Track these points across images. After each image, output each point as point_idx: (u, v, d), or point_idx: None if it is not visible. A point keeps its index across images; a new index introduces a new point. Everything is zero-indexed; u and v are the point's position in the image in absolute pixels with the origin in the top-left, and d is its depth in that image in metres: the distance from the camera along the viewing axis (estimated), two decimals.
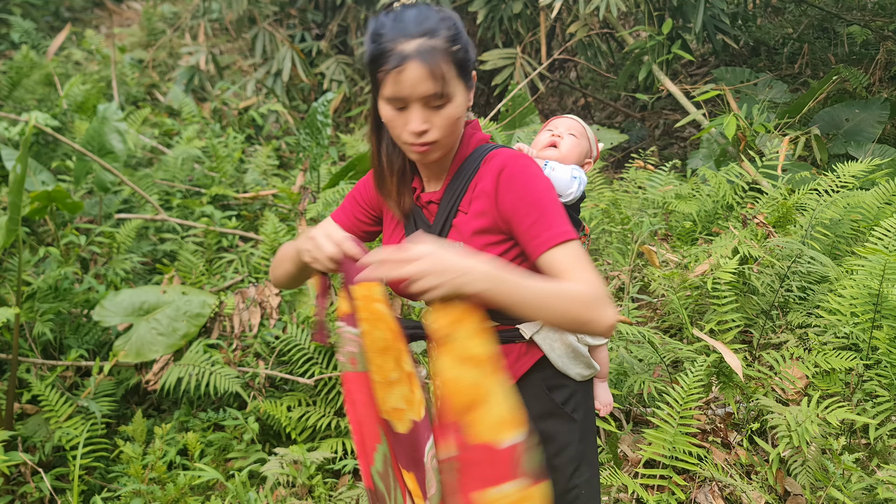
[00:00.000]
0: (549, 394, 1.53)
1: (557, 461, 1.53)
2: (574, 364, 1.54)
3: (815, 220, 3.37)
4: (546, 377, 1.53)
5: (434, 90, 1.35)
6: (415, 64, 1.33)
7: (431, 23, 1.36)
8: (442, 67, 1.34)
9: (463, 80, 1.40)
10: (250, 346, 3.44)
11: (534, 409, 1.50)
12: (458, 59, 1.37)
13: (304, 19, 7.34)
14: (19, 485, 2.99)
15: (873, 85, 5.90)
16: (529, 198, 1.38)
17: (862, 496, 2.32)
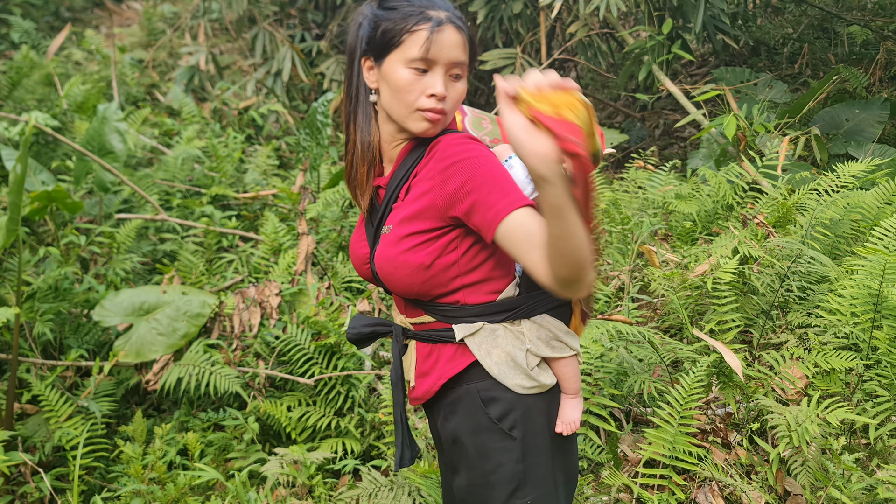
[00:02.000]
0: (484, 407, 1.43)
1: (493, 479, 1.43)
2: (513, 374, 1.41)
3: (815, 220, 3.37)
4: (482, 388, 1.43)
5: (463, 58, 1.39)
6: (451, 28, 1.37)
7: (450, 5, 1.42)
8: (467, 38, 1.40)
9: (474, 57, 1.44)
10: (250, 346, 3.44)
11: (469, 422, 1.44)
12: (471, 38, 1.42)
13: (304, 19, 7.34)
14: (19, 485, 2.99)
15: (873, 85, 5.90)
16: (471, 180, 1.30)
17: (862, 496, 2.32)
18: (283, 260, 3.86)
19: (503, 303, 1.42)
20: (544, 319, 1.46)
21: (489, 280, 1.42)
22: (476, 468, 1.45)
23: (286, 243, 4.11)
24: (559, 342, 1.47)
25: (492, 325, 1.42)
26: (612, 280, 3.77)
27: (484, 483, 1.44)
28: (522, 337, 1.43)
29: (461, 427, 1.46)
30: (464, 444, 1.46)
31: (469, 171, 1.32)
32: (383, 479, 2.71)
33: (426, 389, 1.49)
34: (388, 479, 2.73)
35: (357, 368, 3.26)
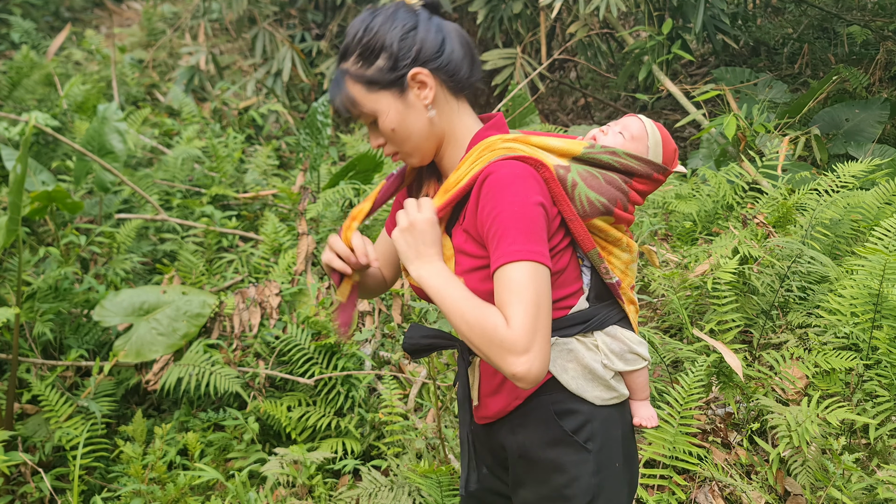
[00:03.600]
0: (558, 419, 1.40)
1: (568, 492, 1.41)
2: (591, 386, 1.41)
3: (815, 220, 3.37)
4: (556, 401, 1.41)
5: (355, 112, 1.40)
6: (335, 98, 1.41)
7: (348, 40, 1.39)
8: (350, 92, 1.38)
9: (385, 90, 1.37)
10: (250, 346, 3.44)
11: (541, 436, 1.42)
12: (365, 77, 1.36)
13: (304, 19, 7.34)
14: (19, 485, 2.99)
15: (873, 85, 5.90)
16: (494, 212, 1.29)
17: (862, 496, 2.32)
18: (283, 260, 3.86)
19: (574, 316, 1.41)
20: (617, 331, 1.46)
21: (562, 297, 1.39)
22: (548, 482, 1.42)
23: (286, 243, 4.11)
24: (633, 354, 1.47)
25: (564, 340, 1.40)
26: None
27: (557, 496, 1.42)
28: (597, 349, 1.43)
29: (532, 440, 1.43)
30: (535, 457, 1.43)
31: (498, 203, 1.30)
32: (383, 479, 2.71)
33: (501, 408, 1.45)
34: (388, 479, 2.73)
35: (357, 368, 3.26)
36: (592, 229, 1.41)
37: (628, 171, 1.42)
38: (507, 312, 1.23)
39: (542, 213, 1.30)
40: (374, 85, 1.37)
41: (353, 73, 1.37)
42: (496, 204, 1.28)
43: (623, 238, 1.46)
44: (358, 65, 1.37)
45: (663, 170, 1.47)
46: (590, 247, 1.39)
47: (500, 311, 1.24)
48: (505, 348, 1.21)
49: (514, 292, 1.23)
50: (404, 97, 1.38)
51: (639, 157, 1.43)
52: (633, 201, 1.44)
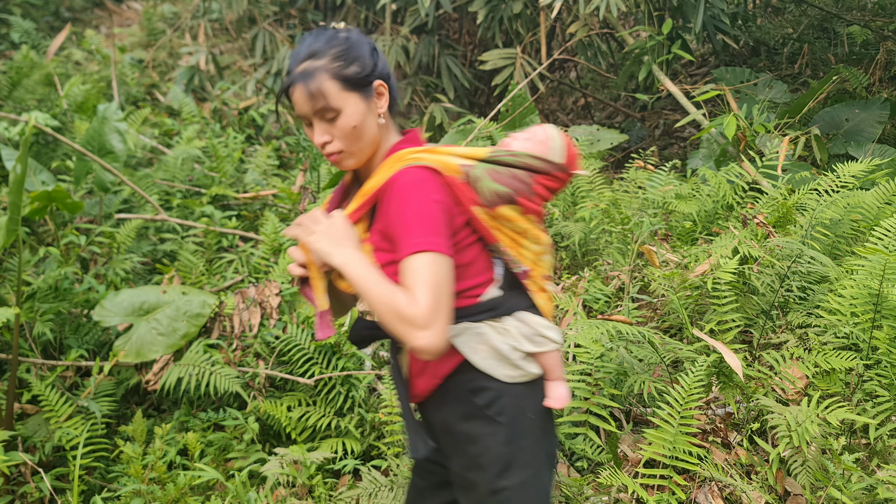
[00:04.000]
0: (471, 396, 1.56)
1: (482, 460, 1.56)
2: (500, 365, 1.55)
3: (815, 220, 3.37)
4: (469, 380, 1.56)
5: (321, 105, 1.51)
6: (299, 87, 1.52)
7: (319, 45, 1.53)
8: (323, 85, 1.50)
9: (355, 91, 1.53)
10: (250, 346, 3.44)
11: (457, 411, 1.58)
12: (343, 75, 1.51)
13: (304, 19, 7.34)
14: (19, 485, 2.99)
15: (873, 85, 5.90)
16: (397, 212, 1.46)
17: (862, 496, 2.32)
18: (284, 260, 3.86)
19: (485, 304, 1.56)
20: (526, 316, 1.60)
21: (470, 287, 1.55)
22: (466, 453, 1.58)
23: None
24: (542, 337, 1.60)
25: (475, 325, 1.56)
26: (612, 280, 3.77)
27: (473, 465, 1.57)
28: (507, 333, 1.57)
29: (451, 416, 1.59)
30: (453, 431, 1.59)
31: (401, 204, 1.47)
32: (383, 479, 2.71)
33: (425, 388, 1.61)
34: (388, 479, 2.73)
35: (357, 368, 3.26)
36: (501, 220, 1.56)
37: (529, 168, 1.59)
38: (414, 292, 1.39)
39: (440, 210, 1.47)
40: (348, 84, 1.52)
41: (330, 69, 1.51)
42: (400, 205, 1.46)
43: (531, 229, 1.61)
44: (335, 65, 1.52)
45: (562, 168, 1.65)
46: (492, 241, 1.56)
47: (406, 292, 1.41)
48: (410, 324, 1.37)
49: (417, 278, 1.40)
50: (368, 102, 1.55)
51: (538, 157, 1.61)
52: (538, 194, 1.61)
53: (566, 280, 3.96)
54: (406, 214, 1.44)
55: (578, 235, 4.04)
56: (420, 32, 6.48)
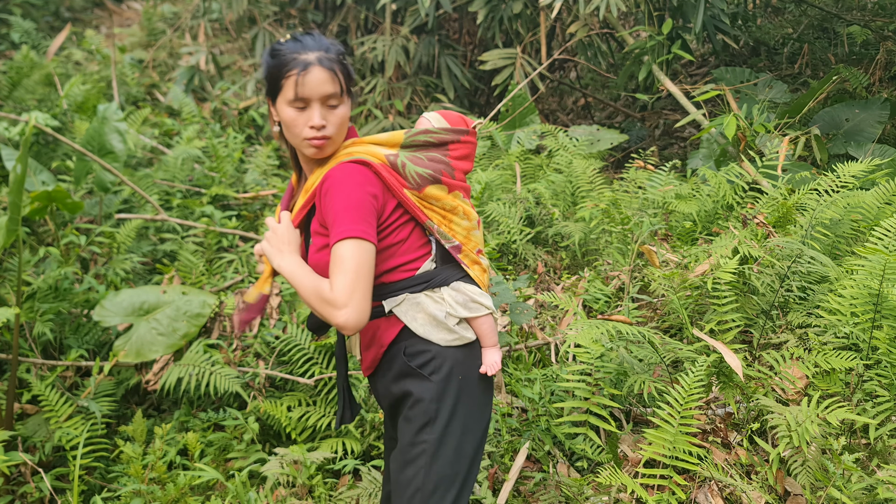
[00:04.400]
0: (406, 358, 1.74)
1: (411, 413, 1.73)
2: (436, 330, 1.73)
3: (815, 220, 3.37)
4: (409, 345, 1.74)
5: (333, 90, 1.67)
6: (317, 68, 1.66)
7: (325, 43, 1.71)
8: (339, 74, 1.69)
9: (349, 92, 1.73)
10: (250, 346, 3.44)
11: (393, 371, 1.76)
12: (348, 74, 1.72)
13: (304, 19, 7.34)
14: (19, 485, 2.99)
15: (873, 85, 5.89)
16: (329, 204, 1.65)
17: (862, 496, 2.32)
18: None
19: (421, 276, 1.75)
20: (460, 285, 1.79)
21: (407, 262, 1.74)
22: (400, 409, 1.77)
23: None
24: (475, 303, 1.78)
25: (413, 295, 1.75)
26: (612, 280, 3.77)
27: (405, 419, 1.74)
28: (442, 301, 1.75)
29: (386, 378, 1.79)
30: (392, 392, 1.78)
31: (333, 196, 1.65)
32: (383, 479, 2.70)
33: (372, 358, 1.80)
34: None
35: (357, 368, 3.26)
36: (430, 199, 1.76)
37: (442, 142, 1.81)
38: (332, 280, 1.60)
39: (369, 199, 1.66)
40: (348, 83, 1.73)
41: (342, 65, 1.71)
42: (332, 196, 1.64)
43: (459, 206, 1.80)
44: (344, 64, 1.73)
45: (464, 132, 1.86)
46: (423, 219, 1.75)
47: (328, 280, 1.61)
48: (331, 304, 1.58)
49: (338, 264, 1.59)
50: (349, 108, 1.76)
51: (446, 128, 1.83)
52: (459, 169, 1.82)
53: (566, 280, 3.96)
54: (336, 205, 1.63)
55: (578, 235, 4.04)
56: (420, 32, 6.47)
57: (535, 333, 3.48)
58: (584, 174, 4.51)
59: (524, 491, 2.68)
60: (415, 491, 1.69)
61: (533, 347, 3.38)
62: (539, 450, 2.81)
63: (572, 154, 4.84)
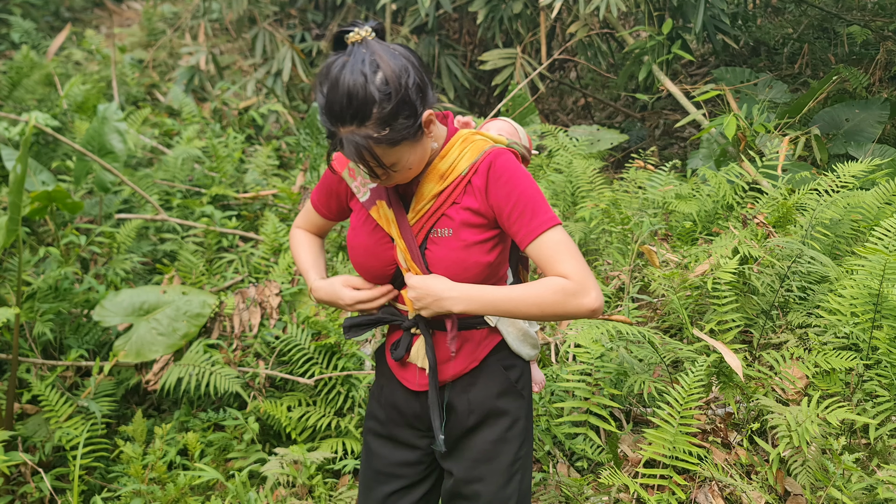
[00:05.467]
0: (506, 372, 1.67)
1: (509, 434, 1.68)
2: (524, 345, 1.69)
3: (815, 220, 3.37)
4: (501, 358, 1.67)
5: (370, 167, 1.45)
6: (346, 152, 1.43)
7: (359, 101, 1.37)
8: (372, 152, 1.42)
9: (407, 139, 1.44)
10: (250, 346, 3.44)
11: (493, 387, 1.67)
12: (391, 139, 1.41)
13: (304, 19, 7.34)
14: (19, 485, 2.99)
15: (873, 85, 5.90)
16: (511, 192, 1.51)
17: (862, 496, 2.32)
18: (283, 260, 3.86)
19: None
20: None
21: (504, 276, 1.67)
22: (495, 427, 1.67)
23: (286, 243, 4.11)
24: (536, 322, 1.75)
25: None
26: (612, 280, 3.77)
27: (500, 439, 1.67)
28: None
29: (486, 393, 1.66)
30: (487, 408, 1.67)
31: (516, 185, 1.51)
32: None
33: (457, 371, 1.66)
34: None
35: (357, 368, 3.26)
36: None
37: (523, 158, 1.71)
38: (563, 269, 1.47)
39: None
40: (397, 141, 1.43)
41: (377, 138, 1.41)
42: (513, 186, 1.51)
43: None
44: (382, 130, 1.40)
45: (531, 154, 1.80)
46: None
47: (552, 272, 1.48)
48: (578, 294, 1.45)
49: (562, 251, 1.48)
50: (420, 140, 1.48)
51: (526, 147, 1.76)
52: None
53: None
54: (525, 194, 1.50)
55: (578, 235, 4.04)
56: (420, 32, 6.48)
57: None
58: (584, 174, 4.51)
59: None
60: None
61: None
62: (539, 450, 2.81)
63: (572, 154, 4.84)
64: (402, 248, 1.58)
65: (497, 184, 1.52)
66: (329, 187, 1.72)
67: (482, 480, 1.67)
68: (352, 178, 1.66)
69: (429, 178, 1.56)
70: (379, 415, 1.78)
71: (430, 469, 1.79)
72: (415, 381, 1.68)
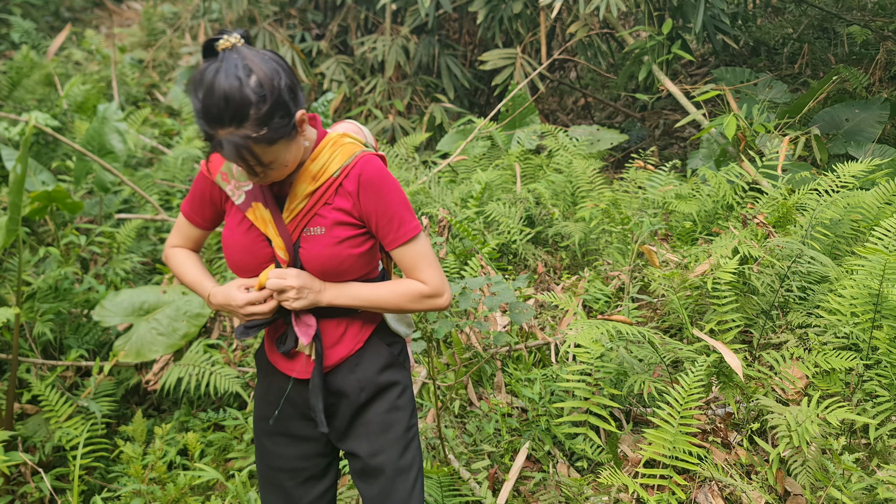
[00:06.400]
0: (388, 348, 1.80)
1: (399, 402, 1.80)
2: (401, 325, 1.84)
3: (815, 220, 3.37)
4: (382, 336, 1.80)
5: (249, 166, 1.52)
6: (226, 153, 1.49)
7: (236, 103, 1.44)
8: (253, 154, 1.49)
9: (283, 137, 1.52)
10: (250, 346, 3.44)
11: (379, 362, 1.78)
12: (269, 138, 1.49)
13: (304, 19, 7.34)
14: (19, 485, 2.99)
15: (873, 85, 5.90)
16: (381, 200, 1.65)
17: (862, 496, 2.32)
18: None
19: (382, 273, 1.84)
20: None
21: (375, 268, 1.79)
22: (386, 398, 1.79)
23: None
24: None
25: None
26: (612, 280, 3.77)
27: (392, 407, 1.79)
28: None
29: (371, 370, 1.78)
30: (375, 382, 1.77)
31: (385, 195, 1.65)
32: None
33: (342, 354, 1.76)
34: None
35: None
36: None
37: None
38: (422, 276, 1.69)
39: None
40: (274, 140, 1.51)
41: (255, 137, 1.48)
42: (383, 193, 1.65)
43: None
44: (259, 130, 1.48)
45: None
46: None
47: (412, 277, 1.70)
48: (433, 297, 1.71)
49: (423, 258, 1.69)
50: (294, 138, 1.57)
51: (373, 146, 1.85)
52: None
53: (566, 280, 3.96)
54: (393, 203, 1.65)
55: (578, 235, 4.04)
56: (420, 32, 6.47)
57: (535, 333, 3.48)
58: (584, 174, 4.51)
59: (524, 491, 2.68)
60: (417, 471, 1.80)
61: (533, 347, 3.38)
62: (539, 450, 2.81)
63: (572, 154, 4.84)
64: (279, 244, 1.67)
65: (368, 192, 1.64)
66: (201, 195, 1.77)
67: (384, 451, 1.77)
68: (225, 181, 1.71)
69: (301, 179, 1.65)
70: (269, 412, 1.83)
71: (330, 461, 1.87)
72: (303, 369, 1.77)
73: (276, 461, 1.84)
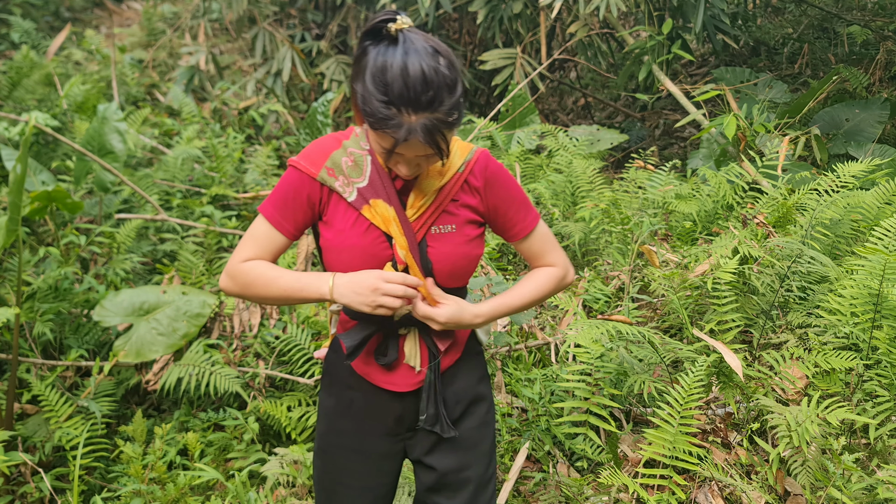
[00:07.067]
0: (480, 359, 1.77)
1: (488, 417, 1.77)
2: (484, 333, 1.79)
3: (815, 220, 3.37)
4: (472, 346, 1.75)
5: (430, 153, 1.45)
6: (418, 140, 1.39)
7: (435, 88, 1.37)
8: (442, 137, 1.42)
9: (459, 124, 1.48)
10: (250, 346, 3.44)
11: (475, 374, 1.75)
12: (457, 122, 1.44)
13: (304, 19, 7.34)
14: (19, 485, 2.99)
15: (873, 85, 5.90)
16: (506, 190, 1.64)
17: (862, 496, 2.32)
18: (283, 260, 3.86)
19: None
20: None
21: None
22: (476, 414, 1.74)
23: None
24: None
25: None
26: (612, 280, 3.77)
27: (482, 423, 1.75)
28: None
29: (469, 381, 1.74)
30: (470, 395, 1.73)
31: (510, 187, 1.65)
32: None
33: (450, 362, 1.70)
34: None
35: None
36: None
37: None
38: (550, 259, 1.71)
39: None
40: (456, 125, 1.45)
41: (449, 122, 1.41)
42: (508, 186, 1.64)
43: None
44: (452, 114, 1.41)
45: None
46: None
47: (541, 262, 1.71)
48: (565, 279, 1.72)
49: (549, 241, 1.71)
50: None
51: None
52: None
53: None
54: (518, 194, 1.65)
55: (578, 235, 4.04)
56: None
57: (535, 333, 3.48)
58: (584, 174, 4.51)
59: (524, 491, 2.68)
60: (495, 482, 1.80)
61: (533, 347, 3.38)
62: (539, 450, 2.81)
63: (572, 154, 4.84)
64: (404, 245, 1.53)
65: (494, 185, 1.62)
66: (296, 196, 1.56)
67: (471, 467, 1.72)
68: (332, 177, 1.55)
69: (428, 174, 1.56)
70: (348, 428, 1.71)
71: (397, 478, 1.80)
72: (404, 382, 1.65)
73: (350, 479, 1.72)
